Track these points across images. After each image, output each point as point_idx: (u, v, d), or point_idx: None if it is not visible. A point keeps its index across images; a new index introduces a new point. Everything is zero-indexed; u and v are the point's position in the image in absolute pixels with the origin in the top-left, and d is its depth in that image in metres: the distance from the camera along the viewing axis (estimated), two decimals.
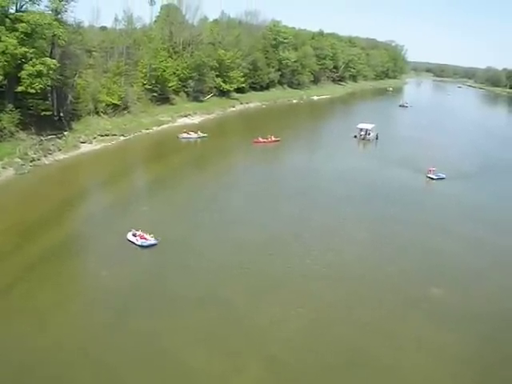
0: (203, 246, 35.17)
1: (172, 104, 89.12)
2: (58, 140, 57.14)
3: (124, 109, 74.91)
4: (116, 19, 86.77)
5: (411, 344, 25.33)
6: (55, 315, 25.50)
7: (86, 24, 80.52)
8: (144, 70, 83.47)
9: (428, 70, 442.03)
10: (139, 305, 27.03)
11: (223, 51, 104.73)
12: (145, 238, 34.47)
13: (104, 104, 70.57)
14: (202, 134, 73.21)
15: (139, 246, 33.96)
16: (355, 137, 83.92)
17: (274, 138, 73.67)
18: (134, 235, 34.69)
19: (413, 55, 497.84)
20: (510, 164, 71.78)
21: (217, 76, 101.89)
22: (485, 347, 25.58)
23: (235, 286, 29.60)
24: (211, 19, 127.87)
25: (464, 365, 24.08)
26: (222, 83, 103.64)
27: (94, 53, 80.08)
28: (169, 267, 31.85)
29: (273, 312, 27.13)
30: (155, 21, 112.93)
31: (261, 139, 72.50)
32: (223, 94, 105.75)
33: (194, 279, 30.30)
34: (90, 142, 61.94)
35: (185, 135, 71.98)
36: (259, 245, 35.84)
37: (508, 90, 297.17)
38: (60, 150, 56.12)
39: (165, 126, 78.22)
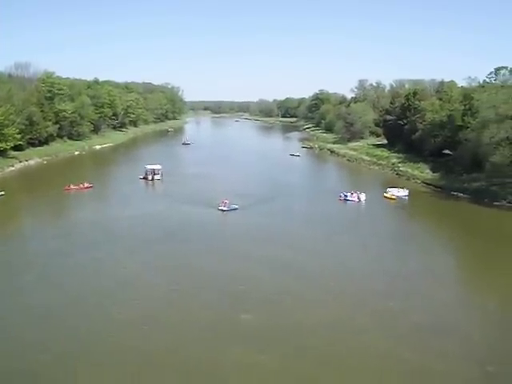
0: None
1: None
2: None
3: None
4: None
5: (234, 368, 28.23)
6: None
7: None
8: None
9: (206, 108, 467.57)
10: None
11: None
12: None
13: None
14: None
15: None
16: (144, 178, 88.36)
17: (86, 185, 78.95)
18: None
19: (190, 95, 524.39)
20: (290, 187, 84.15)
21: None
22: (291, 362, 29.09)
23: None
24: None
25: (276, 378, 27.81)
26: None
27: None
28: None
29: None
30: None
31: (72, 186, 77.38)
32: None
33: None
34: None
35: None
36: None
37: (280, 118, 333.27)
38: None
39: None
